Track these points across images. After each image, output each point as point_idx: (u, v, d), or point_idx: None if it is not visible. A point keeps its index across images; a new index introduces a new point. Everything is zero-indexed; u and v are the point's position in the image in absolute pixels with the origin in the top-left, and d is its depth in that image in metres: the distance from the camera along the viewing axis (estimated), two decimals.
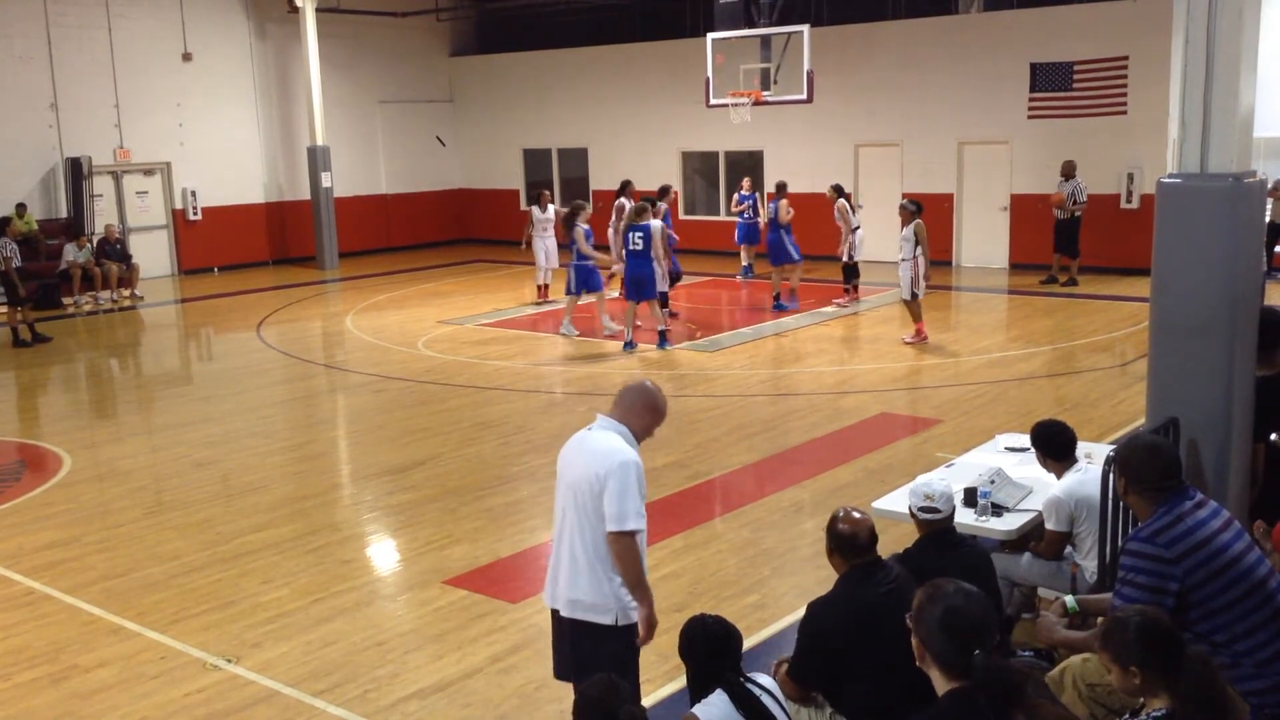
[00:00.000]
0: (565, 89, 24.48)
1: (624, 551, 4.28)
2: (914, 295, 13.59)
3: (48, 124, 20.04)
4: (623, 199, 16.03)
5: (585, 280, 14.61)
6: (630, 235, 13.74)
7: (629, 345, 13.75)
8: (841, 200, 16.21)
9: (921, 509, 4.87)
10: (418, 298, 18.85)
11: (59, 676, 6.00)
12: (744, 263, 19.87)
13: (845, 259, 16.35)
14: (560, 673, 4.73)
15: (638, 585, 4.38)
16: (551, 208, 17.86)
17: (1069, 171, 17.69)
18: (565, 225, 14.99)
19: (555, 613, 4.61)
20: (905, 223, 13.65)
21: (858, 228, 16.28)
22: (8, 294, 15.72)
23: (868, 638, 4.22)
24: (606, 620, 4.42)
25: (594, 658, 4.48)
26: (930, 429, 10.12)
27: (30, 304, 16.18)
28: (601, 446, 4.35)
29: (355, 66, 24.13)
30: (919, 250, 13.41)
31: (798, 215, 16.94)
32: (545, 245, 17.50)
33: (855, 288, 16.71)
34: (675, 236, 16.02)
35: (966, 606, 3.22)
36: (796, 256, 16.64)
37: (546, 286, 17.68)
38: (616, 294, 15.22)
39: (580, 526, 4.38)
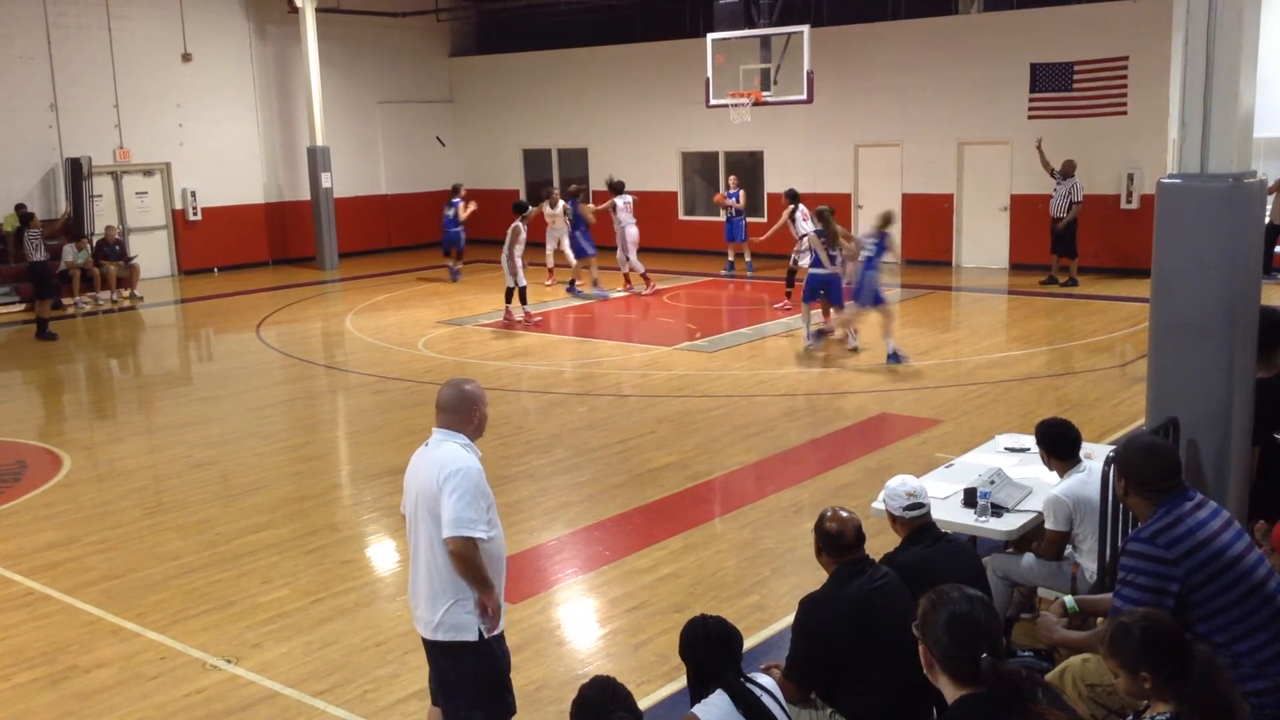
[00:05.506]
0: (565, 89, 24.47)
1: (459, 553, 4.25)
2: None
3: (47, 124, 20.03)
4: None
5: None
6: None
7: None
8: (792, 206, 16.33)
9: (906, 508, 4.88)
10: (418, 298, 18.85)
11: (58, 677, 6.00)
12: (729, 259, 20.26)
13: (793, 264, 16.23)
14: (435, 698, 4.68)
15: (479, 583, 4.33)
16: (561, 204, 18.83)
17: (1068, 170, 17.69)
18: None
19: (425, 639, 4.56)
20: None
21: (804, 235, 16.10)
22: (36, 286, 16.06)
23: (861, 633, 4.24)
24: (469, 637, 4.39)
25: (461, 677, 4.45)
26: (930, 429, 10.12)
27: (51, 300, 16.60)
28: (439, 457, 4.36)
29: (355, 67, 24.12)
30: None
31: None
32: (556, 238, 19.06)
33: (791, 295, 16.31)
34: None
35: (971, 611, 3.22)
36: (590, 250, 18.10)
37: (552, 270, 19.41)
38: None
39: (433, 544, 4.37)
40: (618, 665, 5.92)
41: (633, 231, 18.15)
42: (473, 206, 20.73)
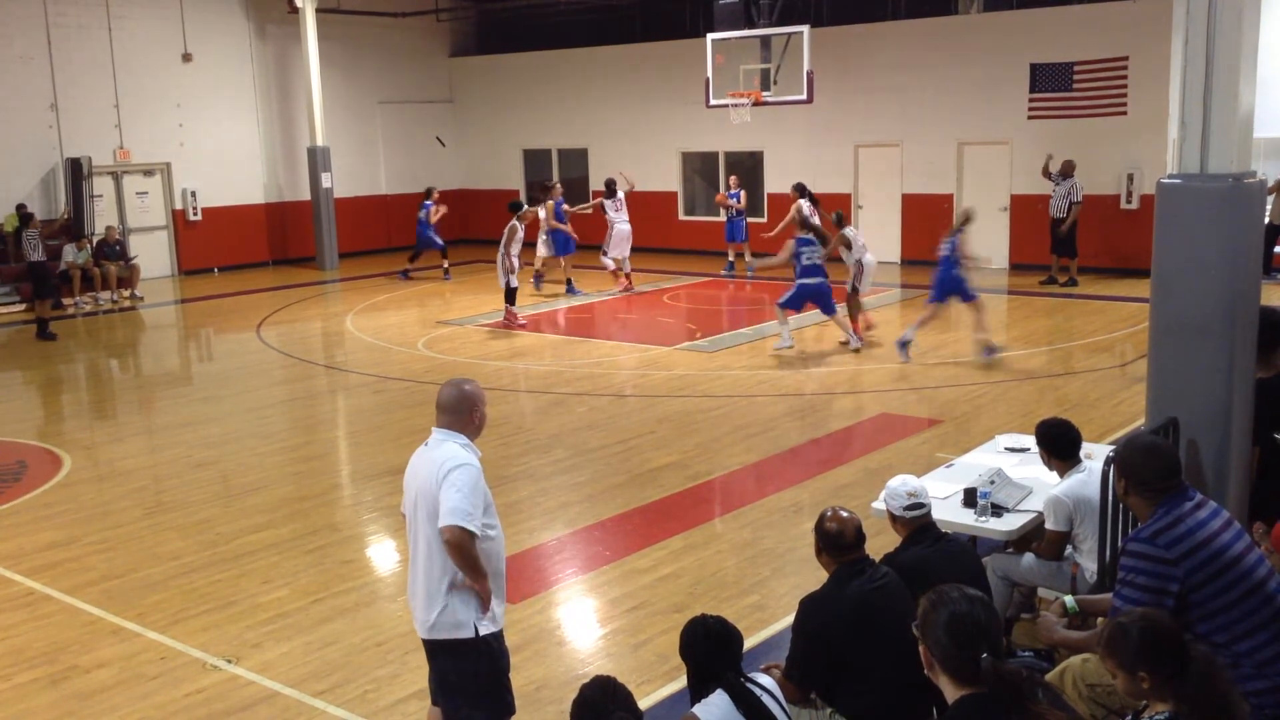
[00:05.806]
0: (565, 89, 24.47)
1: (454, 541, 4.25)
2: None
3: (48, 124, 20.03)
4: None
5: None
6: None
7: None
8: (802, 201, 16.32)
9: (907, 508, 4.88)
10: (418, 298, 18.85)
11: (59, 677, 6.00)
12: (729, 259, 20.30)
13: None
14: (434, 698, 4.68)
15: (472, 572, 4.33)
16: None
17: (1068, 170, 17.69)
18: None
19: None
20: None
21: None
22: (35, 286, 16.11)
23: (861, 633, 4.24)
24: (466, 634, 4.39)
25: (460, 677, 4.45)
26: (930, 429, 10.12)
27: (51, 300, 16.65)
28: (439, 456, 4.38)
29: (355, 67, 24.12)
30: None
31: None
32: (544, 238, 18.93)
33: None
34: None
35: (971, 611, 3.22)
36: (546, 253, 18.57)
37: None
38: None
39: (431, 544, 4.38)
40: (618, 665, 5.92)
41: (624, 228, 18.21)
42: (443, 210, 20.85)
